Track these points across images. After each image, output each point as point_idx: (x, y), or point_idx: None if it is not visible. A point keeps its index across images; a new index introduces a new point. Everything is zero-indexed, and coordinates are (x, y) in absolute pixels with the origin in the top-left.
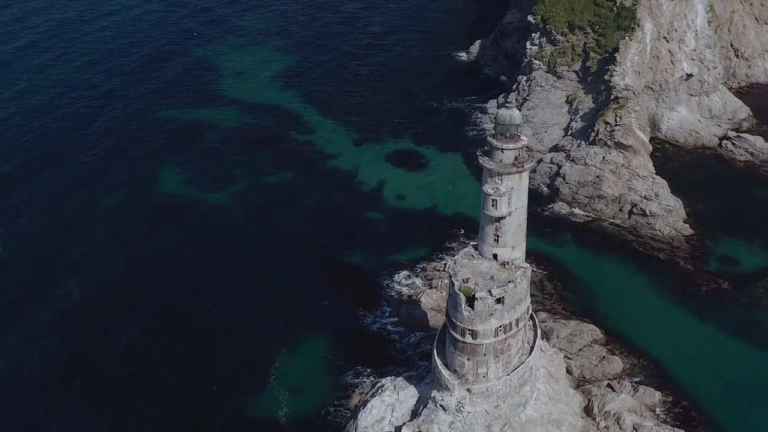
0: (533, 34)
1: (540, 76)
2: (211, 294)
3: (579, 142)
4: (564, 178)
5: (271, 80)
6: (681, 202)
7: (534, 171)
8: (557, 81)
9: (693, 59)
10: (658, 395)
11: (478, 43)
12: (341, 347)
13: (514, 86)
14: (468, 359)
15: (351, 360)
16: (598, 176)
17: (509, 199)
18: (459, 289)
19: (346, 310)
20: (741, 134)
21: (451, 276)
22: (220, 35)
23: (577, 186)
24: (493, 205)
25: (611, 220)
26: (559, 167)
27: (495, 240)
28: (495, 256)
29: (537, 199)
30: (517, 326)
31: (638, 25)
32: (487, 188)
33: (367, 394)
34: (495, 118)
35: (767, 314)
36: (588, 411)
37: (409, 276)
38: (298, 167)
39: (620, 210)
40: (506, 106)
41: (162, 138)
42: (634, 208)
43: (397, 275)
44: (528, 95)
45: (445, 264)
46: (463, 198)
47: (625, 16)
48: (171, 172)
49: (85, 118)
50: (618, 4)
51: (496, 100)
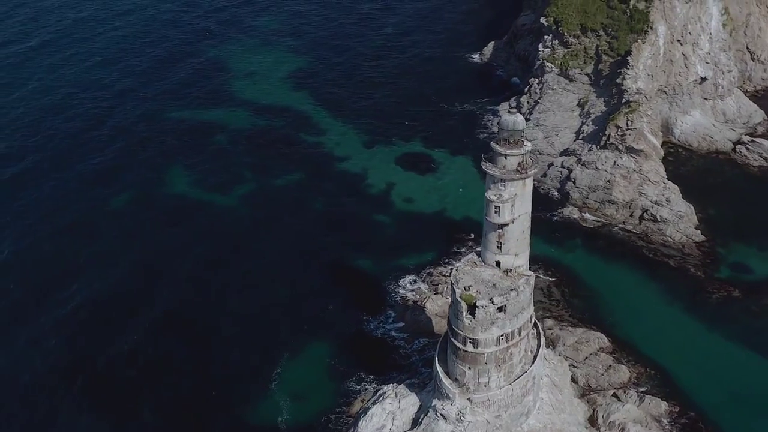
0: (545, 37)
1: (552, 79)
2: (216, 297)
3: (590, 146)
4: (574, 183)
5: (283, 81)
6: (693, 207)
7: (544, 175)
8: (569, 84)
9: (707, 62)
10: (664, 405)
11: (491, 44)
12: (344, 353)
13: (526, 89)
14: (469, 368)
15: (353, 366)
16: (608, 181)
17: (512, 205)
18: (460, 297)
19: (351, 314)
20: (755, 139)
21: (452, 283)
22: (234, 35)
23: (587, 191)
24: (495, 212)
25: (621, 226)
26: (570, 171)
27: (498, 247)
28: (498, 264)
29: (547, 204)
30: (520, 335)
31: (651, 28)
32: (490, 194)
33: (368, 401)
34: (498, 123)
35: None
36: (592, 421)
37: (414, 281)
38: (307, 169)
39: (631, 215)
40: (510, 111)
41: (172, 139)
42: (644, 214)
43: (402, 280)
44: (540, 98)
45: (451, 269)
46: (472, 202)
47: (638, 19)
48: (180, 173)
49: (95, 119)
50: (631, 7)
51: (507, 103)
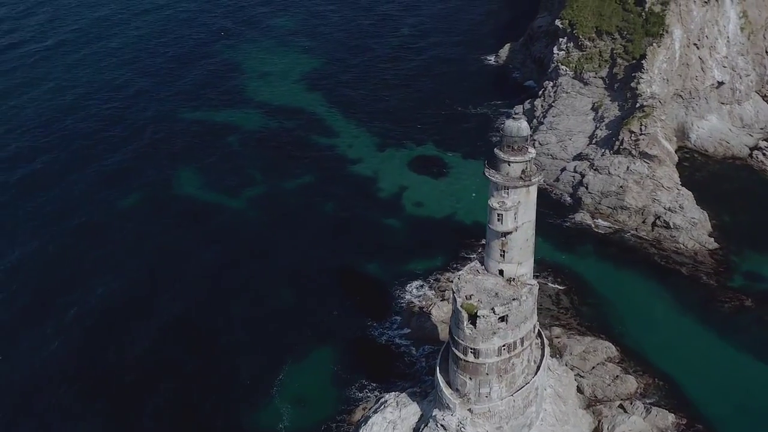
0: (560, 39)
1: (566, 82)
2: (222, 301)
3: (603, 150)
4: (587, 188)
5: (297, 82)
6: (707, 214)
7: (557, 180)
8: (583, 87)
9: (724, 66)
10: (671, 418)
11: (507, 46)
12: (347, 359)
13: (540, 92)
14: (470, 378)
15: (356, 373)
16: (621, 186)
17: (516, 213)
18: (461, 306)
19: (356, 320)
20: None
21: (454, 292)
22: (250, 35)
23: (600, 196)
24: (498, 220)
25: (634, 232)
26: (583, 176)
27: (501, 255)
28: (501, 272)
29: (559, 209)
30: (522, 345)
31: (667, 32)
32: (493, 202)
33: (369, 409)
34: (502, 129)
35: None
36: None
37: (422, 286)
38: (318, 172)
39: (643, 222)
40: (514, 117)
41: (184, 141)
42: (657, 220)
43: (409, 285)
44: (554, 101)
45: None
46: (485, 207)
47: (654, 22)
48: (190, 176)
49: (108, 120)
50: (647, 10)
51: (522, 106)
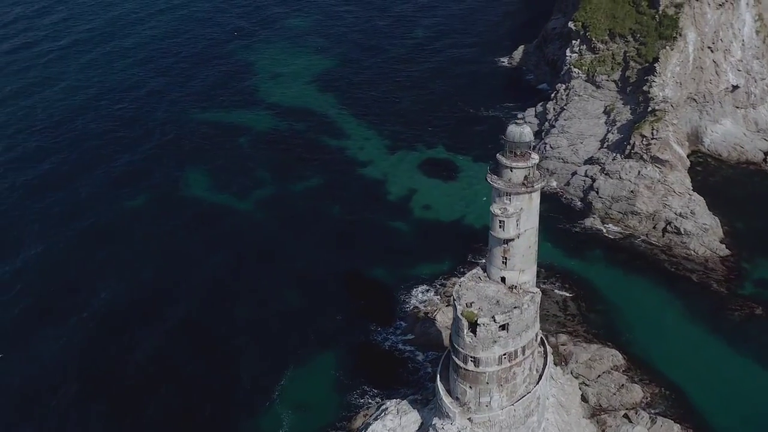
0: (573, 41)
1: (578, 85)
2: (228, 304)
3: (614, 154)
4: (597, 192)
5: (310, 84)
6: (718, 220)
7: (567, 184)
8: (596, 90)
9: (739, 70)
10: (676, 428)
11: (521, 48)
12: (350, 365)
13: (553, 95)
14: (470, 387)
15: (359, 379)
16: (632, 191)
17: (518, 220)
18: (461, 314)
19: (360, 325)
20: None
21: (454, 299)
22: (265, 36)
23: (610, 201)
24: (500, 226)
25: (644, 238)
26: (593, 181)
27: (503, 262)
28: (503, 279)
29: (568, 214)
30: (524, 354)
31: (680, 35)
32: (495, 208)
33: (370, 416)
34: (504, 134)
35: None
36: None
37: (427, 291)
38: (327, 175)
39: (654, 227)
40: (516, 122)
41: (194, 142)
42: (668, 226)
43: (415, 290)
44: (566, 104)
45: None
46: None
47: (667, 25)
48: (200, 178)
49: (119, 120)
50: (660, 12)
51: (534, 109)
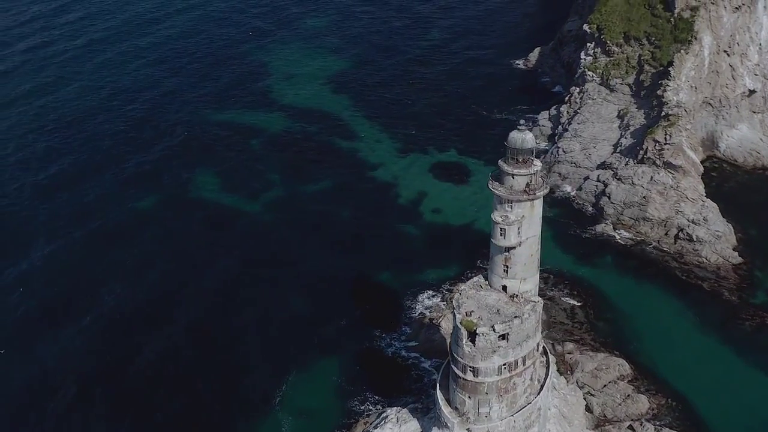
0: (588, 44)
1: (592, 89)
2: (232, 308)
3: (627, 159)
4: (609, 198)
5: (324, 85)
6: (732, 227)
7: (579, 188)
8: (610, 94)
9: (756, 74)
10: None
11: (537, 50)
12: (352, 371)
13: (567, 98)
14: (469, 397)
15: (361, 385)
16: (644, 197)
17: (519, 228)
18: (460, 323)
19: (364, 330)
20: None
21: (454, 308)
22: (281, 36)
23: (622, 206)
24: (501, 234)
25: (655, 245)
26: (605, 186)
27: (504, 271)
28: (504, 288)
29: (580, 219)
30: (524, 364)
31: (695, 38)
32: (496, 216)
33: (370, 424)
34: (506, 140)
35: None
36: None
37: (433, 296)
38: (338, 178)
39: (666, 234)
40: (519, 128)
41: (207, 143)
42: (680, 233)
43: (421, 295)
44: (579, 108)
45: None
46: None
47: (683, 28)
48: (211, 180)
49: (132, 121)
50: (676, 16)
51: (548, 112)
